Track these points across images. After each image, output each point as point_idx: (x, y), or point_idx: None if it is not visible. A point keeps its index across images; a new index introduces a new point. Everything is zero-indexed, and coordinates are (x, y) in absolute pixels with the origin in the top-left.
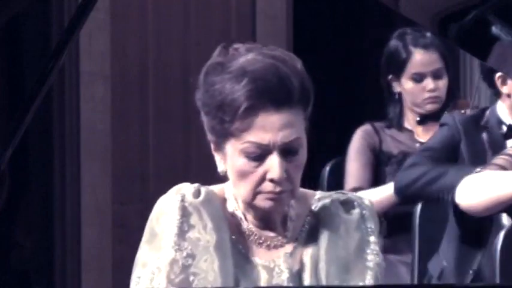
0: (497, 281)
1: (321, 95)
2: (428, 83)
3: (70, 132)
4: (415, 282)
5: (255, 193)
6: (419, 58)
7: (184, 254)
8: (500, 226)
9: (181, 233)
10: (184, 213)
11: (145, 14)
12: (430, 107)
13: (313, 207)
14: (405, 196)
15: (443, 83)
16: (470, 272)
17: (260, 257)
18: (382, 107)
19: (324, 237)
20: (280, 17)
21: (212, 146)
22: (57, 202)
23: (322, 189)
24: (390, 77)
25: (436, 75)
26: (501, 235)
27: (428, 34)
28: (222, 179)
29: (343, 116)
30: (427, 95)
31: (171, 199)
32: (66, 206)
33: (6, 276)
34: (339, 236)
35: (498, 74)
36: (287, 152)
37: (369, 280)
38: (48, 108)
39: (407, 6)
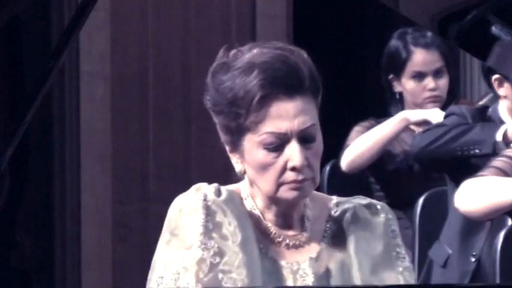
0: (497, 280)
1: (321, 95)
2: (429, 82)
3: (70, 132)
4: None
5: (278, 184)
6: (420, 57)
7: (212, 252)
8: (501, 216)
9: (207, 232)
10: (209, 212)
11: (145, 14)
12: (431, 106)
13: (332, 212)
14: (425, 156)
15: (444, 82)
16: (473, 260)
17: (280, 257)
18: (382, 107)
19: (352, 242)
20: (280, 17)
21: (227, 147)
22: (57, 202)
23: (322, 190)
24: (391, 76)
25: (436, 75)
26: (501, 235)
27: (429, 33)
28: (222, 178)
29: (343, 116)
30: (427, 94)
31: (192, 198)
32: (66, 206)
33: (6, 276)
34: (368, 240)
35: (495, 76)
36: (305, 139)
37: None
38: (48, 108)
39: (407, 6)
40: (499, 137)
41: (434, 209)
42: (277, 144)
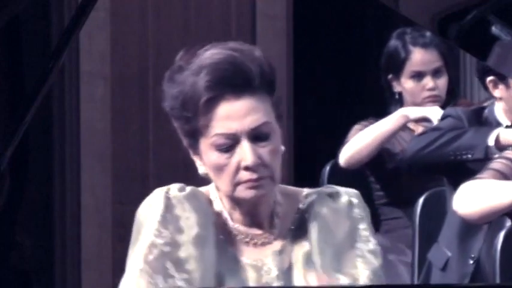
0: (497, 280)
1: (321, 95)
2: (428, 81)
3: (70, 132)
4: (415, 282)
5: (235, 184)
6: (419, 57)
7: (164, 241)
8: (500, 217)
9: (164, 222)
10: (168, 205)
11: (145, 14)
12: (430, 106)
13: (301, 205)
14: (418, 161)
15: (443, 81)
16: (472, 262)
17: (247, 257)
18: (382, 107)
19: (314, 231)
20: (280, 17)
21: (190, 151)
22: (57, 202)
23: None
24: (390, 76)
25: (435, 74)
26: (501, 235)
27: (428, 33)
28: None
29: (343, 115)
30: (426, 93)
31: (156, 193)
32: (66, 206)
33: (6, 276)
34: (329, 227)
35: (489, 78)
36: (257, 137)
37: (361, 269)
38: (48, 108)
39: (407, 6)
40: (491, 141)
41: (434, 209)
42: (229, 145)
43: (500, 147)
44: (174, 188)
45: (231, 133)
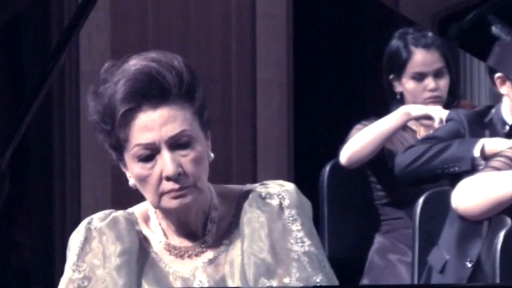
0: (498, 280)
1: (321, 95)
2: (429, 82)
3: (70, 132)
4: (415, 282)
5: (159, 195)
6: (420, 58)
7: (81, 275)
8: (500, 218)
9: (82, 254)
10: (88, 237)
11: (145, 14)
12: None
13: (237, 206)
14: (407, 176)
15: (444, 82)
16: (470, 265)
17: (181, 271)
18: (382, 106)
19: (245, 237)
20: (280, 17)
21: (119, 164)
22: (57, 202)
23: (322, 190)
24: (391, 76)
25: (437, 75)
26: (501, 235)
27: (430, 34)
28: (222, 178)
29: (343, 116)
30: (428, 94)
31: (81, 224)
32: (66, 206)
33: (6, 276)
34: (259, 233)
35: (497, 75)
36: (177, 146)
37: (294, 273)
38: (48, 108)
39: (407, 6)
40: (476, 153)
41: (435, 209)
42: (149, 155)
43: (486, 157)
44: (96, 218)
45: (149, 143)
